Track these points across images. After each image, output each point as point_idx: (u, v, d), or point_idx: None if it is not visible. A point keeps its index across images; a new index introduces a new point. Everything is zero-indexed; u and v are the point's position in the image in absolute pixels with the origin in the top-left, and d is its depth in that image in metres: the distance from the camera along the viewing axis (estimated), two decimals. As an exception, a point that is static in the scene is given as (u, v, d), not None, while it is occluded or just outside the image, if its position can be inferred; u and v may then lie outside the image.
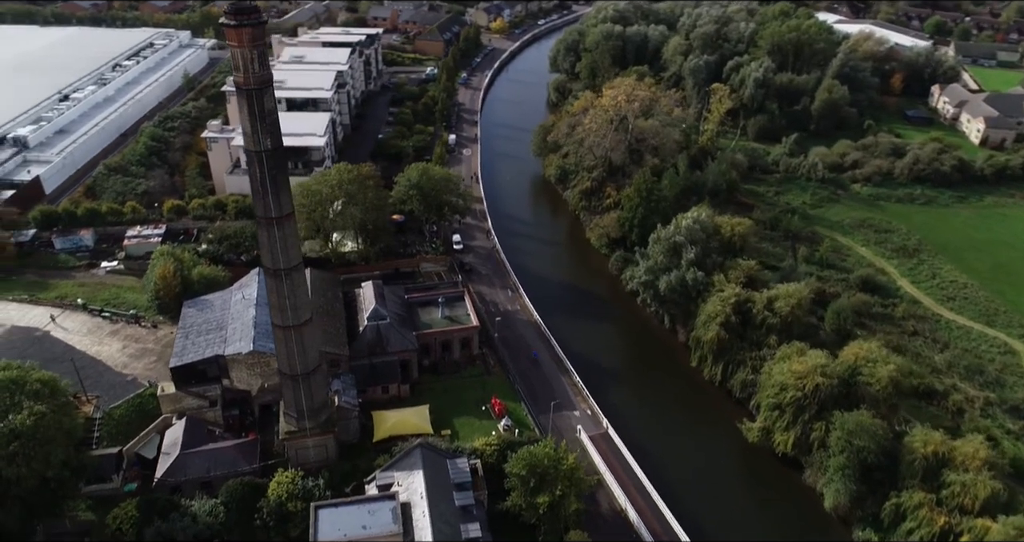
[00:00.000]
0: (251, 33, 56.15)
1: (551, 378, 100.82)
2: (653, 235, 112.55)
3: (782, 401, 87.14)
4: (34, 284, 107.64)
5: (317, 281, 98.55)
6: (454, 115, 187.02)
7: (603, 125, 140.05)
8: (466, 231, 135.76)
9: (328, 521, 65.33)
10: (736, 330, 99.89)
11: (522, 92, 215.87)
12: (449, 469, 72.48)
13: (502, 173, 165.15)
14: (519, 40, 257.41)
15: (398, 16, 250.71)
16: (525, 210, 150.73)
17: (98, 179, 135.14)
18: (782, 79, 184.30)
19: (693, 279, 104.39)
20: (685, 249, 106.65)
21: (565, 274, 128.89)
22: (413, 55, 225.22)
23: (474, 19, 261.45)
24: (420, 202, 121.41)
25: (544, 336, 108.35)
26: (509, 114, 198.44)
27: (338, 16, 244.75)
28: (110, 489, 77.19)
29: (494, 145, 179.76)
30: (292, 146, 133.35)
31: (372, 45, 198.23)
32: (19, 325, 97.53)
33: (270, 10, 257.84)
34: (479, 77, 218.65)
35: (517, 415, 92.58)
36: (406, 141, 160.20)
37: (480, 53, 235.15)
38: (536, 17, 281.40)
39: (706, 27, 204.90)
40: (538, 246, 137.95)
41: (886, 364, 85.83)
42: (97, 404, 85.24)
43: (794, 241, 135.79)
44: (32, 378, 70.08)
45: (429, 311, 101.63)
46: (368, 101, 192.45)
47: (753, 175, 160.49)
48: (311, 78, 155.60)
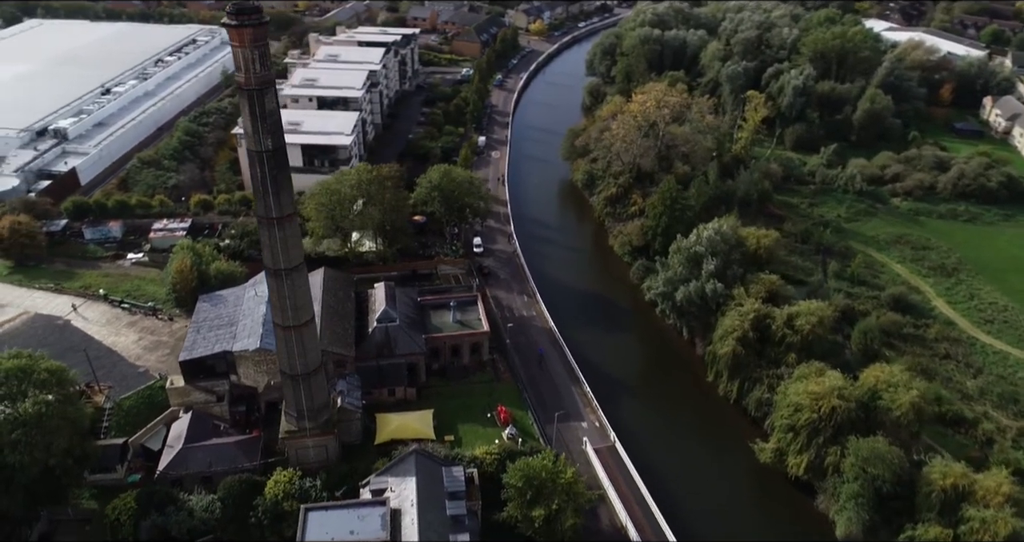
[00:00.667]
0: (252, 33, 56.17)
1: (561, 387, 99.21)
2: (673, 245, 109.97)
3: (796, 423, 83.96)
4: (61, 273, 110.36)
5: (330, 280, 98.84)
6: (486, 117, 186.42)
7: (631, 131, 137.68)
8: (488, 234, 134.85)
9: (316, 524, 65.03)
10: (754, 346, 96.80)
11: (557, 95, 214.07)
12: (444, 477, 71.57)
13: (529, 177, 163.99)
14: (558, 42, 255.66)
15: (437, 16, 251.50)
16: (550, 215, 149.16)
17: (131, 172, 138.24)
18: (824, 87, 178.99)
19: (712, 291, 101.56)
20: (705, 260, 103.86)
21: (585, 281, 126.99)
22: (450, 56, 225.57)
23: (513, 21, 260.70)
24: (441, 204, 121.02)
25: (558, 344, 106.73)
26: (542, 117, 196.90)
27: (378, 16, 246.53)
28: (114, 479, 78.39)
29: (524, 148, 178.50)
30: (319, 144, 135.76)
31: (408, 45, 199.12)
32: (42, 313, 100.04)
33: (313, 9, 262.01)
34: (514, 79, 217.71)
35: (523, 424, 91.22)
36: (434, 142, 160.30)
37: (517, 55, 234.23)
38: (577, 19, 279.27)
39: (747, 32, 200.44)
40: (560, 252, 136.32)
41: (908, 389, 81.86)
42: (108, 394, 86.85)
43: (825, 255, 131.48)
44: (40, 367, 71.43)
45: (441, 314, 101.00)
46: (402, 101, 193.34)
47: (787, 185, 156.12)
48: (343, 77, 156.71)
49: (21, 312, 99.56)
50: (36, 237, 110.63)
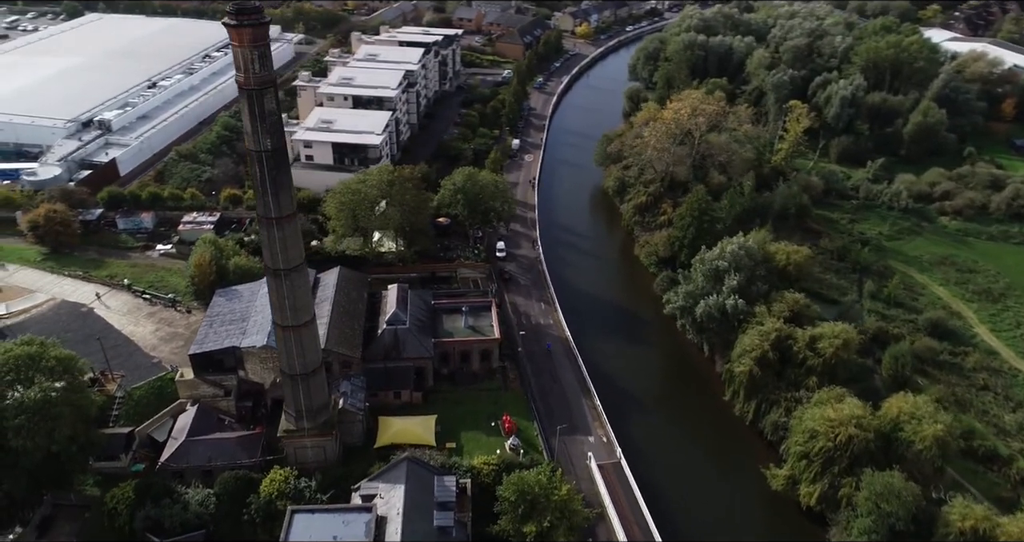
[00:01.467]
0: (251, 33, 56.02)
1: (571, 399, 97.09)
2: (696, 257, 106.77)
3: (811, 450, 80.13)
4: (91, 261, 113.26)
5: (344, 280, 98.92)
6: (523, 120, 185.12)
7: (663, 138, 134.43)
8: (513, 239, 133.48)
9: (301, 526, 64.68)
10: (773, 367, 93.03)
11: (598, 99, 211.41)
12: (435, 486, 70.42)
13: (561, 181, 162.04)
14: (603, 46, 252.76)
15: (483, 18, 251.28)
16: (578, 221, 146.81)
17: (169, 164, 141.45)
18: (874, 99, 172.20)
19: (733, 308, 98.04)
20: (728, 275, 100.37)
21: (607, 291, 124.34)
22: (492, 57, 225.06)
23: (558, 23, 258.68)
24: (465, 207, 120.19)
25: (572, 354, 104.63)
26: (581, 121, 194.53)
27: (424, 16, 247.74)
28: (118, 468, 79.63)
29: (558, 152, 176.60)
30: (349, 143, 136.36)
31: (450, 46, 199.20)
32: (68, 300, 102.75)
33: (361, 8, 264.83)
34: (555, 82, 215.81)
35: (528, 434, 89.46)
36: (467, 143, 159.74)
37: (560, 58, 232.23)
38: (624, 23, 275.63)
39: (797, 40, 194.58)
40: (585, 259, 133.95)
41: (933, 423, 77.24)
42: (120, 383, 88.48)
43: (862, 274, 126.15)
44: (49, 355, 72.96)
45: (454, 319, 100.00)
46: (441, 101, 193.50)
47: (828, 200, 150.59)
48: (379, 77, 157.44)
49: (49, 298, 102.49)
50: (70, 225, 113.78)
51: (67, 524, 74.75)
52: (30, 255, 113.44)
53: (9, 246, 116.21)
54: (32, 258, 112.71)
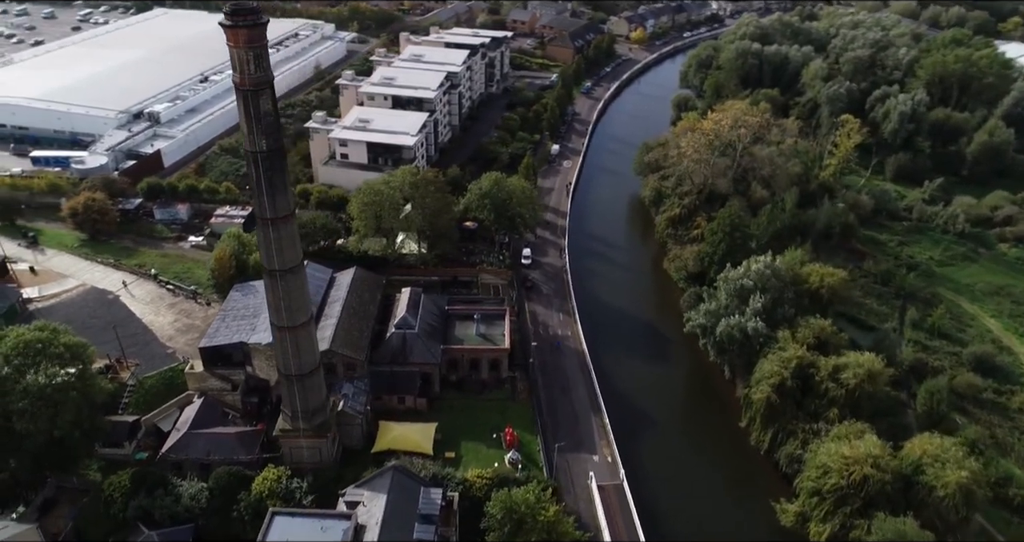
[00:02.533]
0: (247, 34, 55.88)
1: (580, 415, 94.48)
2: (721, 275, 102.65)
3: (823, 487, 75.61)
4: (125, 249, 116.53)
5: (358, 281, 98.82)
6: (565, 125, 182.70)
7: (701, 149, 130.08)
8: (540, 246, 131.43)
9: (280, 528, 64.27)
10: (793, 395, 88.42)
11: (647, 107, 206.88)
12: (420, 498, 69.15)
13: (598, 189, 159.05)
14: (658, 52, 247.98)
15: (537, 20, 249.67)
16: (610, 231, 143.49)
17: (210, 158, 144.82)
18: (938, 115, 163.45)
19: (754, 330, 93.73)
20: (752, 296, 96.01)
21: (632, 305, 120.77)
22: (542, 60, 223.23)
23: (612, 28, 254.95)
24: (491, 212, 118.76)
25: (586, 368, 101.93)
26: (626, 129, 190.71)
27: (478, 17, 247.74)
28: (122, 455, 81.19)
29: (599, 159, 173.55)
30: (383, 143, 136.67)
31: (498, 48, 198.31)
32: (97, 287, 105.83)
33: (417, 8, 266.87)
34: (603, 88, 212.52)
35: (530, 449, 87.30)
36: (505, 147, 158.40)
37: (611, 63, 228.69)
38: (682, 29, 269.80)
39: (859, 51, 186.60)
40: (612, 271, 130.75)
41: (958, 469, 71.80)
42: (134, 372, 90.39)
43: (906, 301, 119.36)
44: (59, 341, 74.80)
45: (466, 325, 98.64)
46: (486, 104, 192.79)
47: (878, 220, 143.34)
48: (420, 77, 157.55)
49: (79, 284, 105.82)
50: (107, 214, 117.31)
51: (68, 507, 76.57)
52: (69, 241, 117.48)
53: (52, 231, 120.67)
54: (70, 244, 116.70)
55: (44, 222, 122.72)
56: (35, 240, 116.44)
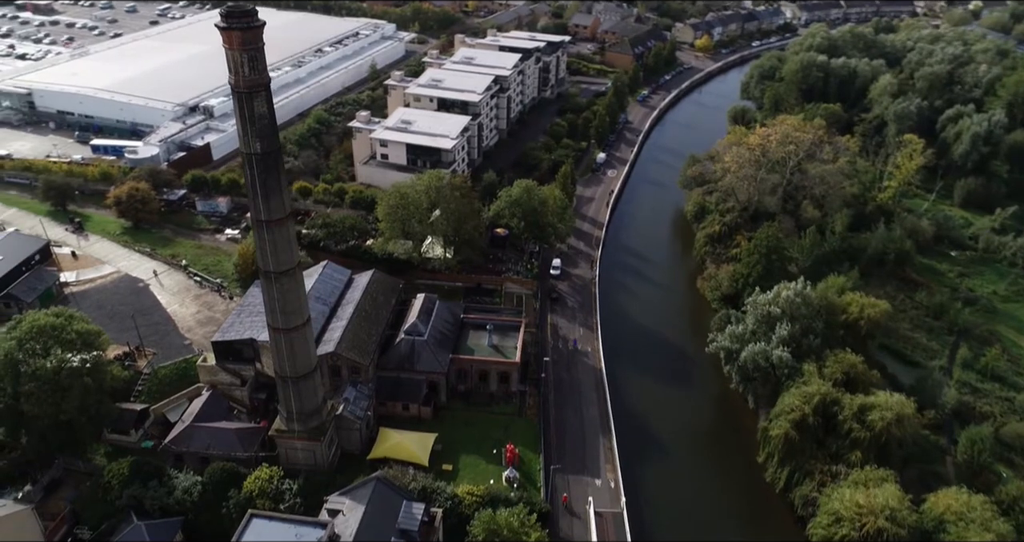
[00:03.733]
0: (240, 36, 55.59)
1: (588, 436, 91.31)
2: (750, 299, 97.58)
3: (833, 536, 70.51)
4: (163, 239, 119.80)
5: (374, 284, 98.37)
6: (615, 133, 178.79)
7: (746, 165, 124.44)
8: (572, 257, 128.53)
9: (255, 531, 63.85)
10: (814, 433, 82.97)
11: (705, 118, 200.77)
12: (401, 511, 67.64)
13: (640, 201, 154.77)
14: (723, 61, 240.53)
15: (599, 25, 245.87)
16: (647, 245, 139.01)
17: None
18: (1017, 138, 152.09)
19: (779, 360, 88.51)
20: (779, 323, 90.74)
21: (660, 323, 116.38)
22: (600, 66, 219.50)
23: (678, 35, 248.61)
24: (521, 220, 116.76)
25: (601, 386, 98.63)
26: (680, 139, 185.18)
27: (540, 20, 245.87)
28: (129, 442, 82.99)
29: (646, 170, 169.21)
30: (422, 145, 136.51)
31: (555, 52, 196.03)
32: (131, 275, 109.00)
33: (480, 10, 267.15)
34: (661, 96, 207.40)
35: (530, 468, 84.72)
36: (548, 154, 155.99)
37: (672, 71, 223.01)
38: (751, 38, 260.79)
39: (936, 67, 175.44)
40: (644, 287, 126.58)
41: (983, 531, 65.58)
42: (150, 360, 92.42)
43: (959, 337, 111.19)
44: (71, 327, 76.92)
45: (480, 335, 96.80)
46: (538, 108, 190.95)
47: (939, 248, 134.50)
48: (467, 80, 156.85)
49: (114, 271, 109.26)
50: (149, 203, 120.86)
51: (72, 489, 78.62)
52: (113, 228, 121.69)
53: (99, 217, 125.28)
54: (113, 231, 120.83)
55: (94, 209, 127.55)
56: (80, 226, 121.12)
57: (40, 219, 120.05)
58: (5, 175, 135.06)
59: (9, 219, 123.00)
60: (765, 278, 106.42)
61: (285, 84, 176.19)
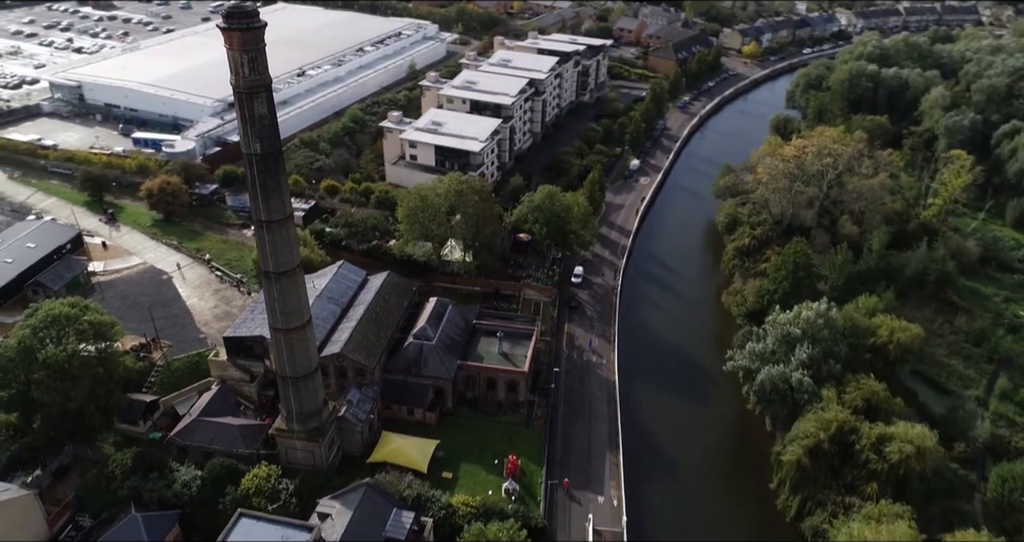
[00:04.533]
0: (240, 37, 55.46)
1: (595, 451, 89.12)
2: (770, 317, 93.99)
3: (839, 573, 67.08)
4: (191, 232, 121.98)
5: (387, 286, 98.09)
6: (652, 139, 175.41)
7: (779, 177, 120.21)
8: (595, 265, 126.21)
9: (243, 530, 63.96)
10: (829, 462, 79.22)
11: (747, 126, 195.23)
12: (390, 519, 66.93)
13: (672, 210, 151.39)
14: (770, 68, 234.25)
15: (644, 29, 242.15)
16: (675, 256, 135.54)
17: (289, 149, 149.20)
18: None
19: (798, 383, 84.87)
20: (799, 345, 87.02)
21: (680, 337, 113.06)
22: (642, 71, 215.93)
23: (725, 41, 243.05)
24: (543, 226, 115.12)
25: (613, 400, 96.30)
26: (719, 148, 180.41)
27: (584, 23, 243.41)
28: (138, 432, 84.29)
29: (681, 178, 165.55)
30: (451, 147, 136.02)
31: (595, 56, 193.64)
32: (156, 266, 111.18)
33: (525, 12, 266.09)
34: (702, 103, 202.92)
35: (531, 481, 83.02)
36: (580, 159, 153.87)
37: (716, 77, 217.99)
38: (802, 45, 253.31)
39: (995, 79, 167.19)
40: (667, 298, 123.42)
41: (1002, 577, 61.33)
42: (165, 353, 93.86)
43: (1000, 366, 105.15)
44: (85, 318, 78.42)
45: (490, 342, 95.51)
46: (576, 112, 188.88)
47: (985, 270, 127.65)
48: (501, 83, 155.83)
49: (140, 262, 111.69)
50: (179, 197, 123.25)
51: (79, 476, 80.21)
52: (144, 219, 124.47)
53: (133, 208, 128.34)
54: (144, 222, 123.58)
55: (130, 200, 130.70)
56: (113, 217, 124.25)
57: (72, 209, 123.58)
58: (49, 165, 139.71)
59: (49, 208, 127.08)
60: (792, 295, 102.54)
61: (324, 82, 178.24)
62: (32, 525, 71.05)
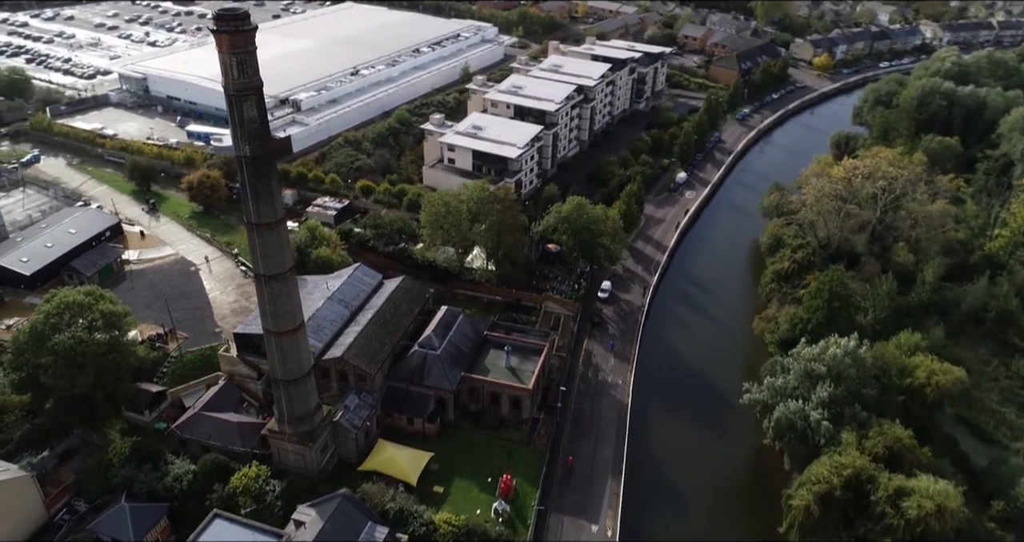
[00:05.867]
0: (229, 40, 54.86)
1: (596, 476, 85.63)
2: (794, 350, 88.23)
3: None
4: (226, 226, 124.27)
5: (400, 291, 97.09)
6: (703, 152, 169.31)
7: (825, 199, 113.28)
8: (625, 281, 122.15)
9: (214, 531, 64.08)
10: (841, 510, 73.44)
11: (810, 141, 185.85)
12: (362, 533, 65.55)
13: (716, 227, 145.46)
14: (842, 82, 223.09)
15: (710, 37, 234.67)
16: (712, 275, 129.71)
17: (333, 148, 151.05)
18: None
19: (816, 423, 79.16)
20: (821, 383, 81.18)
21: (705, 363, 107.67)
22: (703, 80, 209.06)
23: (796, 51, 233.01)
24: (570, 238, 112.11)
25: (623, 424, 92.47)
26: (776, 164, 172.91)
27: (648, 30, 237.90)
28: (143, 421, 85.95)
29: (730, 194, 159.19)
30: (488, 152, 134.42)
31: (653, 63, 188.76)
32: (186, 258, 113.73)
33: (589, 17, 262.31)
34: (762, 116, 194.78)
35: (524, 502, 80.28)
36: (623, 169, 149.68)
37: (781, 89, 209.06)
38: (880, 59, 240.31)
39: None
40: (697, 320, 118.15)
41: None
42: (180, 344, 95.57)
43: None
44: (98, 307, 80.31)
45: (499, 355, 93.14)
46: (628, 120, 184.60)
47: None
48: (547, 89, 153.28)
49: (172, 253, 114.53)
50: (218, 190, 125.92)
51: (83, 460, 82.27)
52: (184, 211, 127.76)
53: (177, 200, 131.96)
54: (183, 214, 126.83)
55: (174, 191, 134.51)
56: (154, 207, 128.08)
57: (112, 198, 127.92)
58: (105, 153, 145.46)
59: (98, 195, 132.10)
60: (826, 326, 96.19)
61: (376, 82, 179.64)
62: (29, 506, 72.96)
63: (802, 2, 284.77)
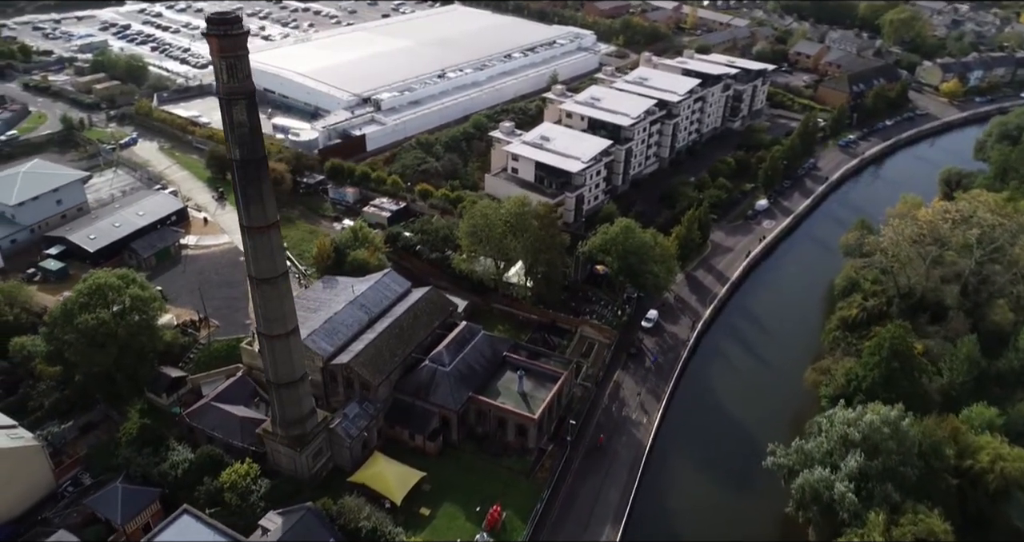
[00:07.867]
0: (218, 43, 54.39)
1: (595, 519, 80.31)
2: (830, 411, 78.94)
3: None
4: (286, 219, 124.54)
5: (423, 301, 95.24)
6: (793, 179, 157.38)
7: (904, 244, 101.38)
8: (674, 311, 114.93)
9: (178, 528, 64.43)
10: (854, 604, 64.62)
11: (921, 175, 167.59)
12: (323, 551, 64.07)
13: (790, 262, 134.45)
14: (971, 111, 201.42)
15: (824, 55, 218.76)
16: (774, 315, 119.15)
17: (404, 149, 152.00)
18: None
19: (841, 496, 70.19)
20: (852, 453, 71.91)
21: (747, 412, 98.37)
22: (808, 101, 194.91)
23: (920, 75, 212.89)
24: (616, 260, 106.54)
25: (636, 468, 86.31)
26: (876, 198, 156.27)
27: (757, 44, 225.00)
28: (162, 404, 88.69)
29: (815, 226, 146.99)
30: (550, 165, 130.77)
31: (751, 81, 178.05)
32: (239, 247, 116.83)
33: (697, 29, 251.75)
34: (870, 143, 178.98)
35: (512, 538, 76.33)
36: (698, 192, 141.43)
37: (897, 116, 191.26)
38: (1022, 87, 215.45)
39: None
40: (747, 363, 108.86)
41: None
42: (210, 333, 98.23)
43: None
44: (128, 291, 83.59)
45: (513, 379, 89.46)
46: (718, 139, 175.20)
47: None
48: (626, 102, 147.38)
49: (227, 241, 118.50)
50: (282, 184, 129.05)
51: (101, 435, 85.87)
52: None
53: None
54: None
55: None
56: (223, 195, 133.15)
57: (188, 184, 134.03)
58: (194, 140, 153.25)
59: (178, 180, 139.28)
60: (884, 387, 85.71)
61: (461, 85, 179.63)
62: (37, 475, 76.58)
63: (940, 21, 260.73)
